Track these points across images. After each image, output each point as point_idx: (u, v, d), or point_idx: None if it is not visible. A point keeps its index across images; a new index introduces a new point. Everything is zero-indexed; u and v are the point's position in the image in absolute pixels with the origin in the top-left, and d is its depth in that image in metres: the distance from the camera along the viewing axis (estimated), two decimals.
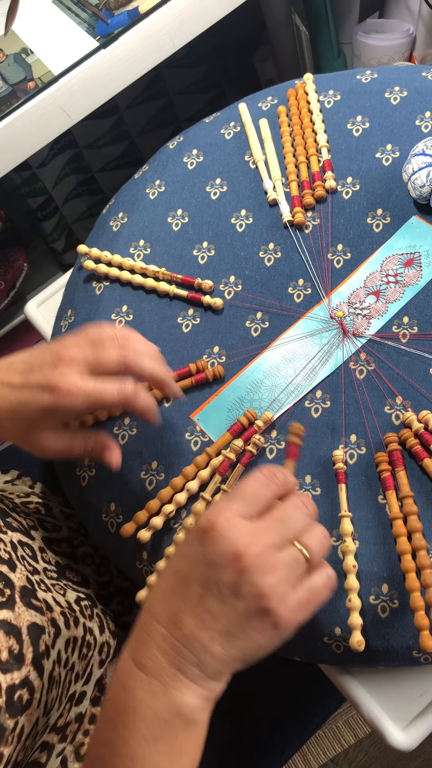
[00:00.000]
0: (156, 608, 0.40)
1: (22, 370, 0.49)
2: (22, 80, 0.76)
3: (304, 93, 0.71)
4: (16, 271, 1.16)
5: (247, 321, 0.61)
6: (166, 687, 0.38)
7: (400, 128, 0.65)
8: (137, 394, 0.49)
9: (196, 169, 0.70)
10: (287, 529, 0.39)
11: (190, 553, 0.40)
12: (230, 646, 0.38)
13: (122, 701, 0.39)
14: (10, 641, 0.44)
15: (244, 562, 0.37)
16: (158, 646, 0.39)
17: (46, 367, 0.48)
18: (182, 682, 0.38)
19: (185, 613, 0.39)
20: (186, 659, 0.38)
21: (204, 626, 0.38)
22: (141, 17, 0.76)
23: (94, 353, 0.48)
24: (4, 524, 0.55)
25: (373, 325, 0.59)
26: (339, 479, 0.53)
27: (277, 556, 0.38)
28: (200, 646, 0.38)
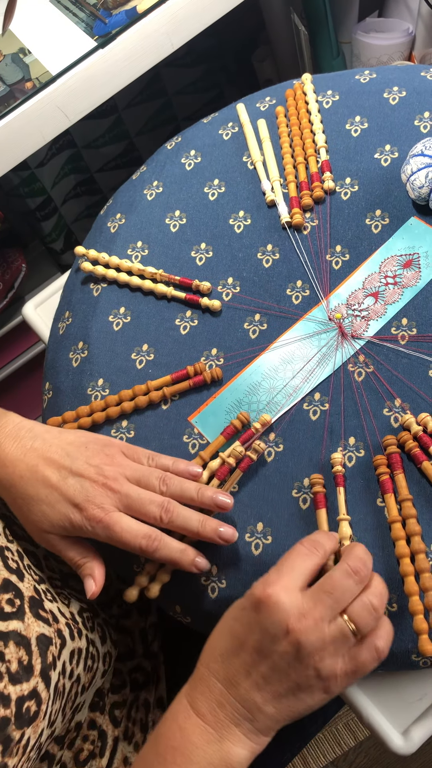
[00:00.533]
0: (213, 665, 0.44)
1: (61, 466, 0.50)
2: (19, 80, 0.76)
3: (303, 93, 0.70)
4: (14, 272, 1.16)
5: (245, 323, 0.61)
6: (221, 737, 0.42)
7: (399, 128, 0.65)
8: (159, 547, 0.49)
9: (194, 169, 0.70)
10: (336, 601, 0.42)
11: (246, 619, 0.43)
12: (282, 706, 0.42)
13: (177, 740, 0.42)
14: (20, 652, 0.44)
15: (295, 637, 0.41)
16: (216, 700, 0.43)
17: (85, 481, 0.49)
18: (235, 735, 0.42)
19: (241, 675, 0.42)
20: (241, 715, 0.42)
21: (258, 689, 0.42)
22: (139, 17, 0.76)
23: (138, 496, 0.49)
24: (10, 532, 0.54)
25: (371, 327, 0.58)
26: (337, 482, 0.53)
27: (326, 631, 0.41)
28: (254, 706, 0.42)
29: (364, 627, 0.42)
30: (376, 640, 0.43)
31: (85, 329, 0.64)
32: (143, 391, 0.59)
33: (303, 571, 0.44)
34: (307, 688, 0.42)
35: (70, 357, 0.64)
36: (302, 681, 0.41)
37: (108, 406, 0.59)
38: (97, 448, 0.52)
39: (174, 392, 0.59)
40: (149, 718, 0.63)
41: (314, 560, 0.45)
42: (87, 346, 0.63)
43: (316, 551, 0.45)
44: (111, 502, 0.49)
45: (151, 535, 0.49)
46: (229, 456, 0.55)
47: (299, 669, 0.41)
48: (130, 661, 0.65)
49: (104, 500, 0.49)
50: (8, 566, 0.49)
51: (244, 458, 0.54)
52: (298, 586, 0.43)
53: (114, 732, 0.58)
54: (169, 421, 0.59)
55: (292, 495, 0.54)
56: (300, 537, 0.52)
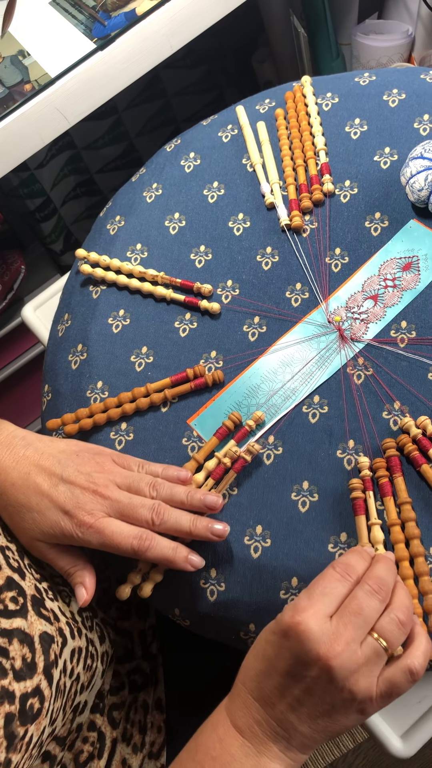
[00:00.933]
0: (249, 684, 0.44)
1: (52, 473, 0.51)
2: (18, 82, 0.76)
3: (302, 95, 0.70)
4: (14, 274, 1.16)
5: (245, 325, 0.61)
6: (259, 752, 0.43)
7: (399, 131, 0.65)
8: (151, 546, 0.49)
9: (193, 172, 0.70)
10: (364, 621, 0.42)
11: (276, 643, 0.43)
12: (318, 727, 0.43)
13: (216, 751, 0.44)
14: (24, 649, 0.44)
15: (327, 662, 0.41)
16: (253, 717, 0.43)
17: (76, 488, 0.50)
18: (272, 752, 0.43)
19: (275, 696, 0.43)
20: (277, 733, 0.43)
21: (293, 710, 0.42)
22: (138, 19, 0.76)
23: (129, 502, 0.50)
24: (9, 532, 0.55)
25: (371, 330, 0.58)
26: (366, 486, 0.52)
27: (359, 652, 0.41)
28: (290, 726, 0.43)
29: (394, 642, 0.42)
30: (410, 659, 0.43)
31: (85, 331, 0.64)
32: (143, 394, 0.59)
33: (334, 597, 0.43)
34: (342, 710, 0.42)
35: (70, 359, 0.64)
36: (337, 703, 0.42)
37: (107, 409, 0.59)
38: (88, 456, 0.52)
39: (175, 394, 0.59)
40: (147, 720, 0.63)
41: (347, 586, 0.44)
42: (86, 349, 0.63)
43: (348, 577, 0.44)
44: (101, 508, 0.49)
45: (142, 535, 0.49)
46: (225, 456, 0.55)
47: (334, 692, 0.41)
48: (129, 663, 0.65)
49: (94, 506, 0.49)
50: (10, 565, 0.49)
51: (239, 459, 0.54)
52: (328, 613, 0.43)
53: (112, 733, 0.58)
54: (168, 423, 0.59)
55: (291, 498, 0.54)
56: (298, 540, 0.52)
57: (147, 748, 0.61)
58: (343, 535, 0.52)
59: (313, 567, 0.51)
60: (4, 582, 0.47)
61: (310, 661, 0.41)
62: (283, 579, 0.51)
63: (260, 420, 0.56)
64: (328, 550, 0.51)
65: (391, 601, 0.44)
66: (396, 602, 0.44)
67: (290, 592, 0.51)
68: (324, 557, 0.51)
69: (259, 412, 0.56)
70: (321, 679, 0.41)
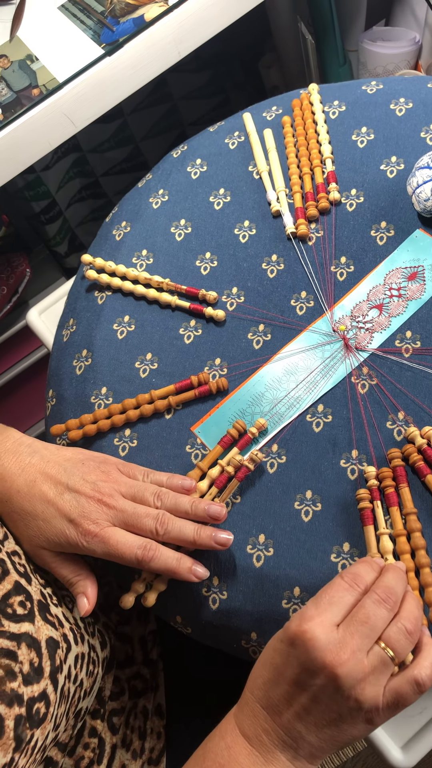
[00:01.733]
0: (257, 692, 0.44)
1: (58, 482, 0.51)
2: (26, 87, 0.76)
3: (309, 103, 0.70)
4: (19, 277, 1.16)
5: (249, 333, 0.61)
6: (266, 761, 0.43)
7: (405, 140, 0.65)
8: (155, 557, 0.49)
9: (199, 178, 0.70)
10: (371, 630, 0.42)
11: (284, 652, 0.43)
12: (325, 736, 0.43)
13: (225, 759, 0.44)
14: (31, 654, 0.44)
15: (333, 671, 0.41)
16: (261, 726, 0.44)
17: (81, 497, 0.50)
18: (280, 761, 0.43)
19: (282, 704, 0.43)
20: (285, 742, 0.43)
21: (300, 719, 0.42)
22: (146, 25, 0.76)
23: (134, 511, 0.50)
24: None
25: (375, 339, 0.58)
26: (374, 496, 0.52)
27: (365, 661, 0.41)
28: (298, 735, 0.43)
29: (401, 651, 0.42)
30: (417, 670, 0.43)
31: (89, 337, 0.64)
32: (147, 401, 0.59)
33: (342, 606, 0.43)
34: (349, 719, 0.42)
35: (74, 365, 0.64)
36: (344, 712, 0.42)
37: (111, 415, 0.59)
38: (93, 465, 0.52)
39: (179, 401, 0.59)
40: (147, 726, 0.63)
41: (354, 595, 0.44)
42: (91, 354, 0.63)
43: (357, 586, 0.44)
44: (106, 517, 0.50)
45: (147, 545, 0.49)
46: (228, 464, 0.55)
47: (340, 701, 0.41)
48: (129, 668, 0.65)
49: (99, 515, 0.49)
50: (17, 570, 0.49)
51: (242, 467, 0.55)
52: (335, 622, 0.43)
53: (112, 739, 0.58)
54: (171, 430, 0.59)
55: (294, 507, 0.54)
56: (301, 549, 0.52)
57: (146, 754, 0.61)
58: (346, 545, 0.52)
59: (315, 576, 0.51)
60: (13, 586, 0.47)
61: (317, 669, 0.41)
62: (286, 588, 0.51)
63: (263, 427, 0.56)
64: (330, 560, 0.51)
65: (400, 610, 0.44)
66: (404, 612, 0.44)
67: (292, 602, 0.51)
68: (327, 567, 0.51)
69: (262, 420, 0.56)
70: (327, 687, 0.41)
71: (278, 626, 0.51)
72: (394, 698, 0.42)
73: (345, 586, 0.44)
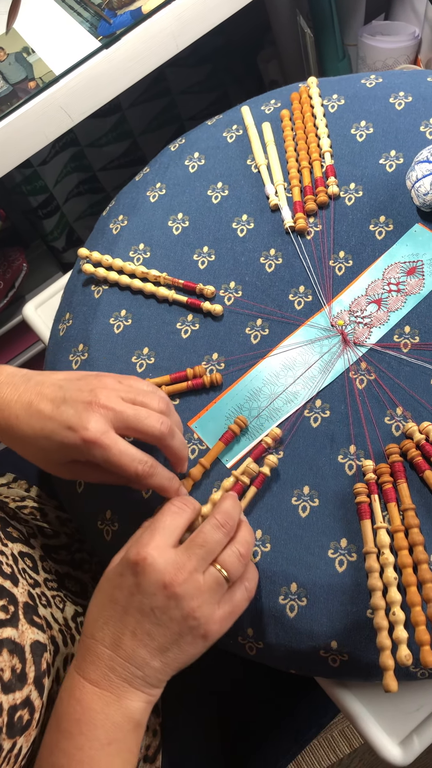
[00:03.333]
0: (98, 633, 0.45)
1: (54, 398, 0.48)
2: (22, 80, 0.75)
3: (308, 97, 0.70)
4: (15, 271, 1.16)
5: (247, 328, 0.61)
6: (118, 697, 0.44)
7: (405, 134, 0.65)
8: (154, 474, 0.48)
9: (197, 172, 0.69)
10: (208, 552, 0.45)
11: (126, 584, 0.45)
12: (167, 658, 0.45)
13: (78, 713, 0.43)
14: (14, 660, 0.43)
15: (172, 590, 0.43)
16: (107, 665, 0.44)
17: (78, 404, 0.48)
18: (131, 692, 0.44)
19: (126, 636, 0.44)
20: (132, 673, 0.44)
21: (144, 646, 0.44)
22: (144, 17, 0.75)
23: (135, 413, 0.48)
24: (4, 535, 0.54)
25: (374, 334, 0.58)
26: (371, 490, 0.52)
27: (201, 581, 0.44)
28: (143, 662, 0.44)
29: (234, 573, 0.46)
30: (246, 581, 0.47)
31: (86, 331, 0.64)
32: None
33: (174, 528, 0.46)
34: (189, 638, 0.44)
35: (70, 359, 0.64)
36: (184, 631, 0.44)
37: None
38: (90, 377, 0.50)
39: (172, 392, 0.58)
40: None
41: (185, 516, 0.47)
42: (87, 349, 0.63)
43: (186, 507, 0.48)
44: (105, 421, 0.47)
45: (148, 461, 0.48)
46: (243, 474, 0.54)
47: (180, 620, 0.44)
48: None
49: (99, 420, 0.47)
50: (2, 571, 0.48)
51: (258, 475, 0.54)
52: (171, 544, 0.45)
53: None
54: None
55: (291, 502, 0.53)
56: (298, 545, 0.52)
57: (142, 752, 0.61)
58: (343, 540, 0.51)
59: (312, 572, 0.51)
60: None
61: (157, 590, 0.43)
62: (282, 584, 0.51)
63: (277, 437, 0.55)
64: (328, 556, 0.51)
65: (235, 535, 0.47)
66: (239, 537, 0.47)
67: (289, 597, 0.51)
68: (324, 562, 0.51)
69: (277, 429, 0.55)
70: (168, 607, 0.43)
71: (275, 622, 0.51)
72: (230, 608, 0.46)
73: (175, 509, 0.47)
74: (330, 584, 0.50)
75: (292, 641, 0.51)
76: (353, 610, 0.49)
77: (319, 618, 0.50)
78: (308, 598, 0.50)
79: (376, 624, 0.47)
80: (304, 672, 0.53)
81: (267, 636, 0.51)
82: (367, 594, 0.49)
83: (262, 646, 0.52)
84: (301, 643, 0.50)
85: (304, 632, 0.50)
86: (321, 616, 0.50)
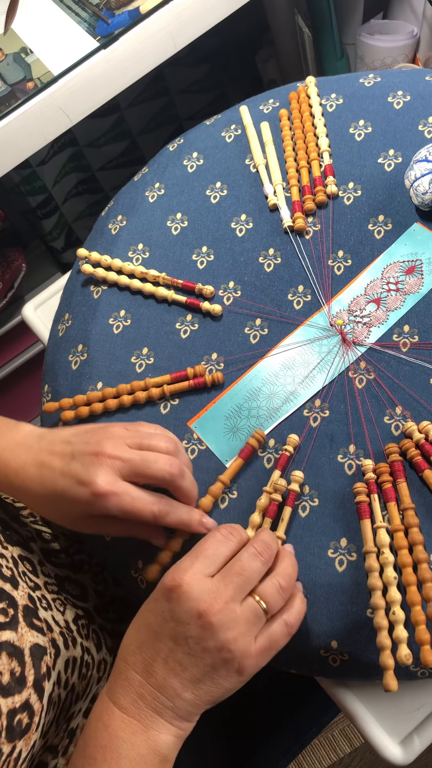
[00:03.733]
0: (131, 658, 0.44)
1: (63, 454, 0.49)
2: (21, 80, 0.75)
3: (306, 96, 0.70)
4: (14, 272, 1.16)
5: (246, 328, 0.61)
6: (146, 727, 0.42)
7: (403, 133, 0.65)
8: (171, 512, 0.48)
9: (196, 172, 0.69)
10: (245, 582, 0.44)
11: (159, 609, 0.44)
12: (200, 691, 0.43)
13: (105, 739, 0.42)
14: (12, 663, 0.43)
15: (208, 620, 0.42)
16: (137, 692, 0.43)
17: (86, 457, 0.48)
18: (159, 723, 0.43)
19: (158, 663, 0.43)
20: (162, 704, 0.42)
21: (175, 675, 0.42)
22: (142, 17, 0.75)
23: (142, 459, 0.48)
24: (4, 538, 0.54)
25: (373, 334, 0.58)
26: (371, 489, 0.52)
27: (238, 611, 0.43)
28: (174, 693, 0.42)
29: (274, 604, 0.44)
30: (286, 615, 0.45)
31: (85, 332, 0.64)
32: (141, 388, 0.59)
33: (216, 557, 0.45)
34: (223, 671, 0.43)
35: (70, 359, 0.63)
36: (218, 663, 0.42)
37: (105, 398, 0.59)
38: (97, 428, 0.51)
39: (173, 391, 0.58)
40: None
41: (230, 546, 0.46)
42: (86, 349, 0.63)
43: (232, 537, 0.46)
44: (114, 471, 0.47)
45: (161, 500, 0.48)
46: (275, 492, 0.53)
47: (213, 651, 0.42)
48: None
49: (107, 471, 0.47)
50: (2, 574, 0.48)
51: (289, 493, 0.53)
52: (209, 573, 0.44)
53: None
54: (167, 425, 0.58)
55: None
56: (298, 545, 0.52)
57: None
58: (343, 540, 0.51)
59: (312, 572, 0.51)
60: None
61: (191, 619, 0.42)
62: None
63: (296, 443, 0.55)
64: (328, 556, 0.51)
65: (275, 566, 0.46)
66: (279, 569, 0.46)
67: None
68: (324, 562, 0.51)
69: (294, 437, 0.55)
70: (202, 638, 0.42)
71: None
72: (267, 642, 0.44)
73: (219, 538, 0.45)
74: (330, 584, 0.50)
75: (292, 641, 0.50)
76: (353, 610, 0.50)
77: (319, 618, 0.50)
78: (308, 597, 0.50)
79: (376, 623, 0.47)
80: (304, 671, 0.53)
81: None
82: (367, 594, 0.49)
83: None
84: (301, 642, 0.50)
85: (304, 632, 0.50)
86: (321, 616, 0.50)
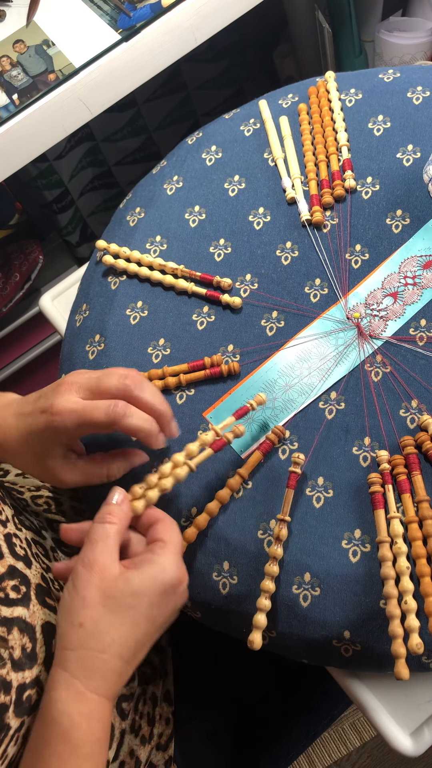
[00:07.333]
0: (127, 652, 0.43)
1: (34, 400, 0.52)
2: (42, 72, 0.76)
3: (326, 91, 0.70)
4: (32, 264, 1.16)
5: (263, 320, 0.61)
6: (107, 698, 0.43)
7: (422, 129, 0.65)
8: (127, 414, 0.49)
9: (214, 165, 0.70)
10: None
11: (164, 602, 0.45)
12: None
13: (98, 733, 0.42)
14: (24, 639, 0.44)
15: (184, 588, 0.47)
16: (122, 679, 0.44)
17: (50, 391, 0.51)
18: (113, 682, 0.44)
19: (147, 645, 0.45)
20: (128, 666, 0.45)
21: None
22: (164, 11, 0.76)
23: (97, 378, 0.50)
24: (18, 521, 0.55)
25: (389, 327, 0.58)
26: (385, 480, 0.52)
27: None
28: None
29: None
30: None
31: (102, 322, 0.65)
32: (158, 376, 0.59)
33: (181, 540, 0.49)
34: None
35: (87, 349, 0.64)
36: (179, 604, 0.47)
37: None
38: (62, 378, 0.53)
39: (190, 380, 0.59)
40: (156, 712, 0.63)
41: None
42: (104, 339, 0.63)
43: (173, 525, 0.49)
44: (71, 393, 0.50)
45: (117, 402, 0.49)
46: None
47: None
48: None
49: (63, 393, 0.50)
50: (15, 553, 0.49)
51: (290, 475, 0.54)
52: None
53: (121, 725, 0.58)
54: (183, 415, 0.59)
55: (306, 493, 0.54)
56: (312, 535, 0.52)
57: (155, 740, 0.61)
58: (357, 531, 0.52)
59: (326, 562, 0.51)
60: (6, 570, 0.46)
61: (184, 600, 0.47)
62: (296, 573, 0.51)
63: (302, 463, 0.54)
64: (342, 546, 0.51)
65: None
66: None
67: (302, 587, 0.51)
68: (338, 553, 0.51)
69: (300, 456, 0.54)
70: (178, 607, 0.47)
71: (288, 611, 0.51)
72: None
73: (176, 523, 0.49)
74: (343, 574, 0.51)
75: (305, 630, 0.51)
76: (366, 601, 0.50)
77: (332, 608, 0.50)
78: (321, 587, 0.51)
79: (389, 612, 0.47)
80: (316, 661, 0.53)
81: (280, 625, 0.52)
82: (381, 585, 0.49)
83: (275, 635, 0.52)
84: (313, 632, 0.51)
85: (317, 622, 0.50)
86: (334, 606, 0.50)
